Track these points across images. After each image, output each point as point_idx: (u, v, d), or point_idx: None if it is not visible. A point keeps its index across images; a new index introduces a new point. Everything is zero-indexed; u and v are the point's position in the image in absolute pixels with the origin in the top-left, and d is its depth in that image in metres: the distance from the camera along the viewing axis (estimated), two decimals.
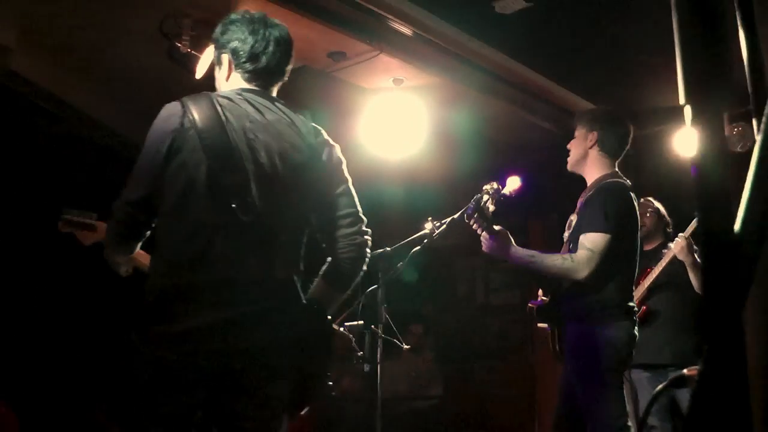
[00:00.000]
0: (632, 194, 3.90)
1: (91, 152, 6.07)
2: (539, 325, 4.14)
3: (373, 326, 3.55)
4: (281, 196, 2.51)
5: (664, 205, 5.71)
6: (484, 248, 3.87)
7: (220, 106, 2.50)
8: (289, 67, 2.76)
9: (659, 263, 5.22)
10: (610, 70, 5.78)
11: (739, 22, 1.05)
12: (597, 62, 5.60)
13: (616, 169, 4.01)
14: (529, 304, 4.14)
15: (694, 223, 5.11)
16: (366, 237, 2.70)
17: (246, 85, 2.65)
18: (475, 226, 3.80)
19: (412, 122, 5.33)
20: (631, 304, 3.81)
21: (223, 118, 2.46)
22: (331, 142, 2.72)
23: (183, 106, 2.49)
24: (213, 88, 4.44)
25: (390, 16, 4.52)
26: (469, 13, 4.67)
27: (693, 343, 5.15)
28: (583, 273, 3.63)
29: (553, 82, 5.69)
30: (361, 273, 2.72)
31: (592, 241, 3.66)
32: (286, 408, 2.52)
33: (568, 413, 3.85)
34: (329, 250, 2.67)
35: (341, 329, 3.56)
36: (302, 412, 2.61)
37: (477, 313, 8.31)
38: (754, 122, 1.15)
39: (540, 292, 4.12)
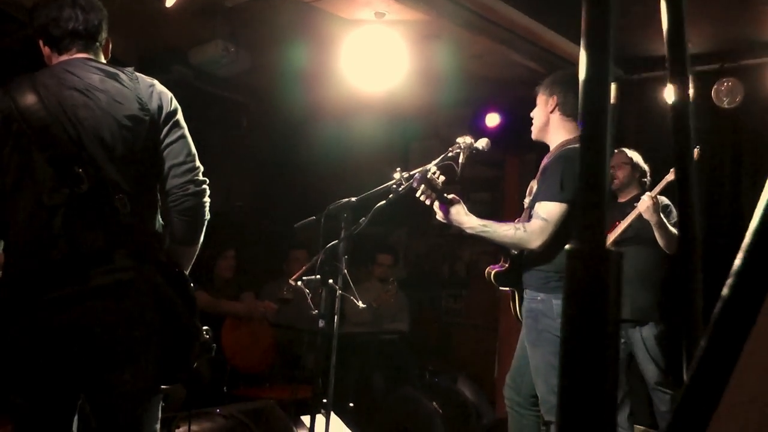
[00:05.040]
0: None
1: None
2: (501, 288, 4.13)
3: (330, 281, 3.51)
4: (117, 157, 2.52)
5: (645, 153, 5.65)
6: (438, 217, 3.84)
7: (40, 83, 2.51)
8: (102, 28, 2.73)
9: (627, 218, 5.17)
10: None
11: None
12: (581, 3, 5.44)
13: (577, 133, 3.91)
14: (488, 269, 4.12)
15: (663, 182, 5.06)
16: (202, 187, 2.66)
17: (63, 57, 2.66)
18: (423, 198, 3.74)
19: (393, 55, 5.20)
20: None
21: (43, 94, 2.47)
22: (165, 90, 2.69)
23: (4, 93, 2.50)
24: (185, 21, 4.29)
25: None
26: None
27: (653, 300, 5.18)
28: (536, 243, 3.60)
29: (540, 24, 5.54)
30: (205, 221, 2.70)
31: (546, 211, 3.60)
32: (159, 373, 2.56)
33: (522, 373, 3.90)
34: (165, 203, 2.66)
35: (298, 284, 3.54)
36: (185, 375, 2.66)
37: (450, 240, 8.32)
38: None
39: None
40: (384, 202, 3.74)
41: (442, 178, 3.72)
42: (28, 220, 2.44)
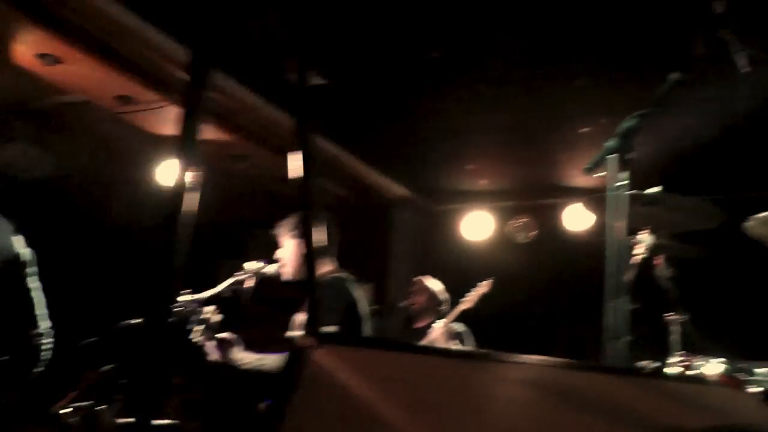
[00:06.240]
0: (353, 285, 3.94)
1: None
2: None
3: (105, 406, 3.39)
4: None
5: (448, 282, 5.84)
6: (210, 357, 3.83)
7: None
8: None
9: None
10: (405, 149, 5.93)
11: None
12: (392, 141, 5.73)
13: (335, 265, 4.04)
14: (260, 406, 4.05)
15: (456, 311, 5.28)
16: (45, 339, 2.91)
17: None
18: (198, 338, 3.74)
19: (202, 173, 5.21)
20: None
21: None
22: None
23: None
24: None
25: (184, 74, 4.43)
26: (266, 80, 4.66)
27: None
28: None
29: (348, 153, 5.77)
30: (37, 371, 2.94)
31: None
32: None
33: None
34: (9, 349, 2.81)
35: (68, 410, 3.41)
36: None
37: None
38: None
39: None
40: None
41: (218, 317, 3.72)
42: None
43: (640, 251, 3.74)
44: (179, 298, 3.74)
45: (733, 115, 4.37)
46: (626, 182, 2.72)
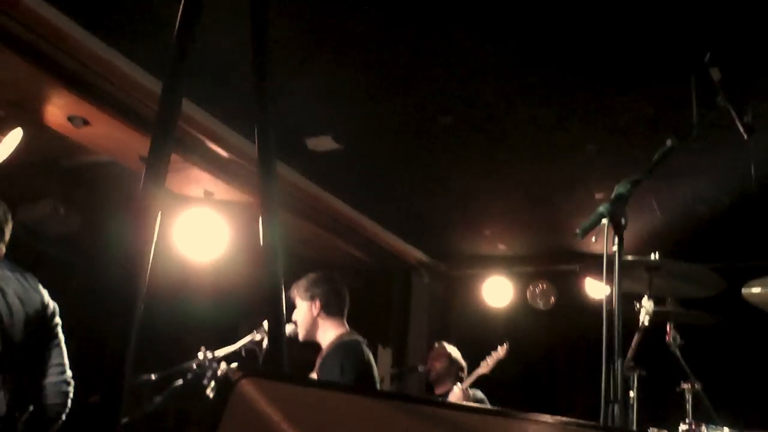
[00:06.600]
0: (365, 348, 4.00)
1: None
2: None
3: None
4: (18, 338, 2.78)
5: (467, 347, 5.87)
6: None
7: None
8: (7, 228, 3.01)
9: None
10: (421, 213, 6.03)
11: None
12: (409, 205, 5.83)
13: (347, 327, 4.10)
14: None
15: (474, 375, 5.31)
16: (70, 387, 2.94)
17: None
18: (212, 394, 3.79)
19: (220, 233, 5.33)
20: None
21: None
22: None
23: None
24: (17, 176, 4.36)
25: (205, 138, 4.59)
26: (283, 145, 4.80)
27: None
28: None
29: (362, 215, 5.88)
30: (62, 419, 2.91)
31: None
32: None
33: None
34: (35, 396, 2.86)
35: None
36: None
37: None
38: None
39: None
40: (181, 381, 3.74)
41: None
42: None
43: (645, 317, 3.73)
44: (199, 355, 3.81)
45: (739, 182, 4.41)
46: (618, 247, 2.74)
